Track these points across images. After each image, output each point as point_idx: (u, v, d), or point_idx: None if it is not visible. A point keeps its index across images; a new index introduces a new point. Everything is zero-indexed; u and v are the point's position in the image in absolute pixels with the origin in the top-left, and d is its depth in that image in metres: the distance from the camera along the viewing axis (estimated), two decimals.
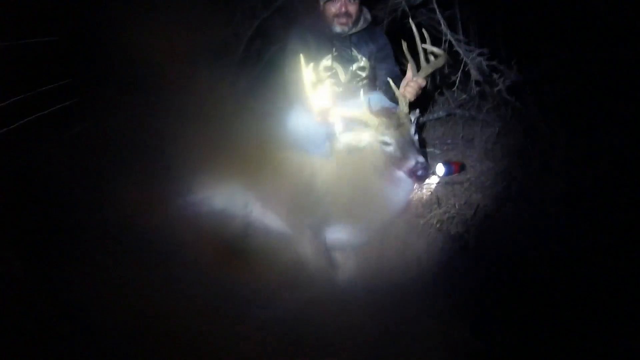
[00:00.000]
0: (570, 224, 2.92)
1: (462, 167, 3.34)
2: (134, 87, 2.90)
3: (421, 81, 2.63)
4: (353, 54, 3.05)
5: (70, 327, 2.18)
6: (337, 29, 3.02)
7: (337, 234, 2.68)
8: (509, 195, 3.24)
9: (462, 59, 2.86)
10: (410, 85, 2.63)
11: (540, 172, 3.22)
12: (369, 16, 3.12)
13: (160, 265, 2.44)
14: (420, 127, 3.79)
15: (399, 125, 2.48)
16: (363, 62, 3.07)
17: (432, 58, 2.58)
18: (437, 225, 2.84)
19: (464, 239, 2.82)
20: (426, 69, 2.59)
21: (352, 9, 2.97)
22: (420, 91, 2.66)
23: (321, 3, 3.00)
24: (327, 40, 3.03)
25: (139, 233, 2.50)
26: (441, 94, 3.93)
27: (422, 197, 3.12)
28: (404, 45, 2.57)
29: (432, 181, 3.24)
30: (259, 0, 3.85)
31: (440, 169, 3.24)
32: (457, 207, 3.00)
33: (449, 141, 3.69)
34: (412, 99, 2.64)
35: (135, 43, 2.79)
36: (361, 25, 3.08)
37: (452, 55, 3.01)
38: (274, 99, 3.22)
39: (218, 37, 3.58)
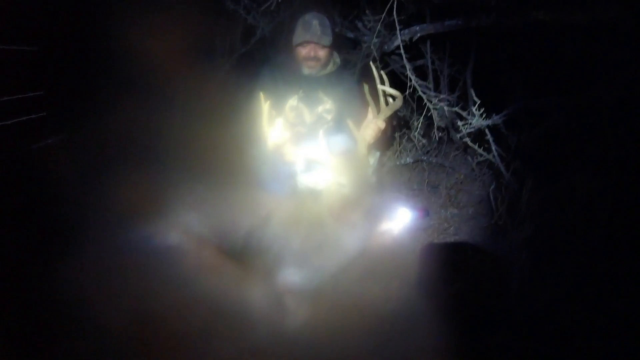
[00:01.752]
0: (535, 272, 2.83)
1: (426, 213, 3.19)
2: (130, 88, 2.86)
3: (380, 123, 2.50)
4: (320, 95, 2.92)
5: (67, 327, 2.12)
6: (306, 71, 2.93)
7: (291, 277, 2.47)
8: (473, 243, 3.11)
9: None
10: (370, 127, 2.49)
11: (505, 219, 3.11)
12: (338, 60, 3.05)
13: (158, 264, 2.36)
14: (387, 172, 3.68)
15: (356, 167, 2.32)
16: (329, 104, 2.95)
17: (390, 100, 2.46)
18: (396, 272, 2.64)
19: (423, 286, 2.63)
20: (385, 111, 2.46)
21: (322, 53, 2.87)
22: (379, 133, 2.53)
23: (292, 45, 2.90)
24: (295, 80, 2.93)
25: (136, 232, 2.42)
26: (409, 140, 3.82)
27: (384, 242, 2.94)
28: (365, 87, 2.45)
29: (396, 226, 3.07)
30: (238, 35, 3.79)
31: (404, 214, 3.10)
32: (418, 254, 2.82)
33: (414, 187, 3.56)
34: (371, 141, 2.50)
35: (133, 45, 2.77)
36: (330, 68, 2.99)
37: (420, 101, 2.91)
38: (241, 133, 3.08)
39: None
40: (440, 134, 2.98)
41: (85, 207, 2.55)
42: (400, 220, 3.01)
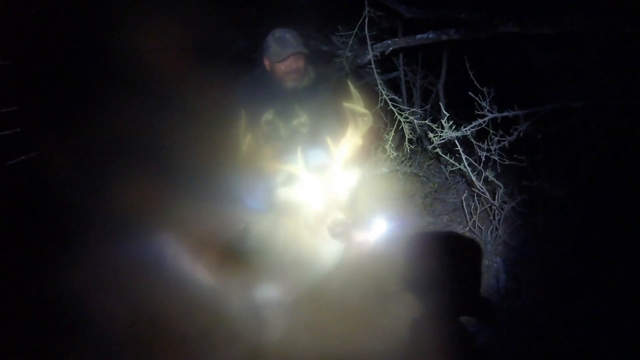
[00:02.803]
0: (512, 278, 2.83)
1: (402, 223, 3.13)
2: (132, 88, 2.81)
3: (357, 139, 2.41)
4: (295, 109, 2.85)
5: (69, 328, 2.14)
6: (289, 84, 2.86)
7: (269, 292, 2.38)
8: (449, 250, 3.06)
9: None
10: (348, 143, 2.40)
11: (479, 226, 3.12)
12: (313, 73, 2.99)
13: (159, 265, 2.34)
14: (363, 183, 3.60)
15: (328, 182, 2.23)
16: (304, 117, 2.88)
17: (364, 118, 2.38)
18: (374, 282, 2.57)
19: (400, 295, 2.61)
20: (361, 128, 2.38)
21: (301, 63, 2.83)
22: (356, 149, 2.43)
23: (269, 63, 2.85)
24: (271, 94, 2.87)
25: (137, 231, 2.38)
26: (384, 151, 3.76)
27: (360, 253, 2.86)
28: (343, 104, 2.37)
29: (372, 237, 2.99)
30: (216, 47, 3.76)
31: (380, 224, 3.02)
32: (395, 263, 2.75)
33: (390, 197, 3.49)
34: (348, 157, 2.41)
35: (134, 44, 2.70)
36: (305, 81, 2.94)
37: (393, 114, 2.86)
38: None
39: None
40: (412, 146, 2.92)
41: (85, 210, 2.51)
42: (376, 230, 2.94)
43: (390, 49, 3.17)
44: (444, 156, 2.83)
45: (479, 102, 2.51)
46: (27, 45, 2.69)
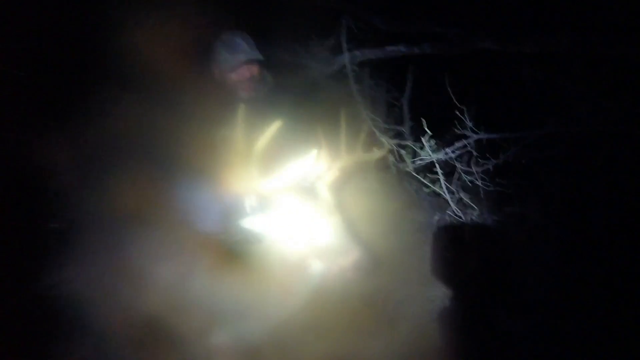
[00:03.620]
0: (484, 303, 2.70)
1: (370, 245, 2.88)
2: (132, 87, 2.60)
3: (338, 170, 2.22)
4: (256, 121, 2.54)
5: (65, 328, 2.13)
6: (243, 95, 2.53)
7: (224, 336, 2.06)
8: (417, 278, 2.88)
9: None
10: (327, 174, 2.21)
11: (450, 249, 2.93)
12: (270, 79, 2.70)
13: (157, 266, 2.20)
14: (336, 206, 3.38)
15: (329, 212, 1.95)
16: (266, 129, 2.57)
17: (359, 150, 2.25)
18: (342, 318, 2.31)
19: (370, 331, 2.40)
20: (346, 160, 2.13)
21: (255, 71, 2.53)
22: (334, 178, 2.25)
23: (218, 72, 2.54)
24: (226, 106, 2.52)
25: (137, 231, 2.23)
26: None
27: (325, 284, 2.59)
28: (321, 136, 2.16)
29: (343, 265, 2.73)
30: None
31: (349, 250, 2.76)
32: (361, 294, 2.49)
33: (357, 216, 3.23)
34: (323, 178, 2.22)
35: (134, 42, 2.48)
36: (263, 89, 2.64)
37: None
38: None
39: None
40: (394, 167, 2.80)
41: (83, 209, 2.41)
42: (346, 257, 2.67)
43: (358, 60, 2.98)
44: (418, 176, 2.67)
45: (465, 119, 2.35)
46: (25, 45, 2.56)
